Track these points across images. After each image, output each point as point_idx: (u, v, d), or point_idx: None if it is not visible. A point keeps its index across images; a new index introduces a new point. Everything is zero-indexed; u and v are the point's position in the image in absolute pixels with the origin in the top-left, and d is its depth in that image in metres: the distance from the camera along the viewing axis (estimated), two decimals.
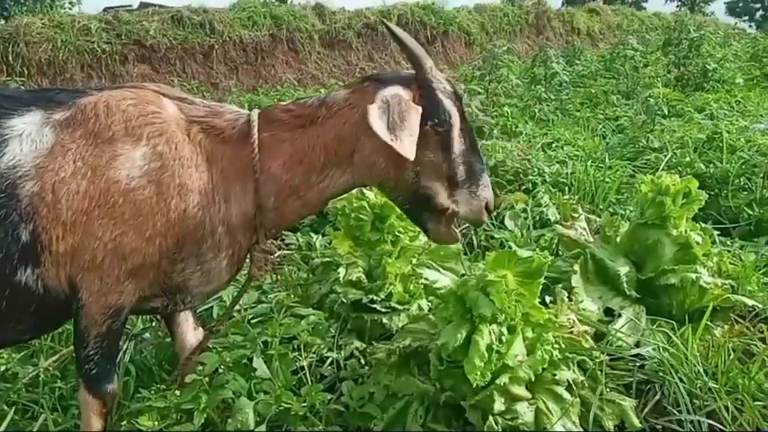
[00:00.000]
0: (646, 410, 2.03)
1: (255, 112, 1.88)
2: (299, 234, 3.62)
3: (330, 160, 1.84)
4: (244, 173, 1.82)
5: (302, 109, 1.87)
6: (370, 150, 1.81)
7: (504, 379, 1.67)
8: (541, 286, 1.79)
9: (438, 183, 1.81)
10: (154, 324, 2.62)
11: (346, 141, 1.81)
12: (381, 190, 1.97)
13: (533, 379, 1.75)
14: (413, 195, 1.84)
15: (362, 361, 2.31)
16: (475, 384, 1.63)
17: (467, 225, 2.65)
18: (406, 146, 1.68)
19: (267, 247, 1.95)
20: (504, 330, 1.69)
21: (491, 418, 1.70)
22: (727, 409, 1.91)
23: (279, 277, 3.02)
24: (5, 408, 2.18)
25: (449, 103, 1.82)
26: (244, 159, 1.81)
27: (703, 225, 2.71)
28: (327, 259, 2.82)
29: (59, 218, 1.67)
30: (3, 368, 2.41)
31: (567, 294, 2.25)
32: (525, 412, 1.74)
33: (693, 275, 2.39)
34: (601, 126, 6.46)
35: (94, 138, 1.72)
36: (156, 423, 1.79)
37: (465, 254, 3.00)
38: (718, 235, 3.25)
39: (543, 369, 1.79)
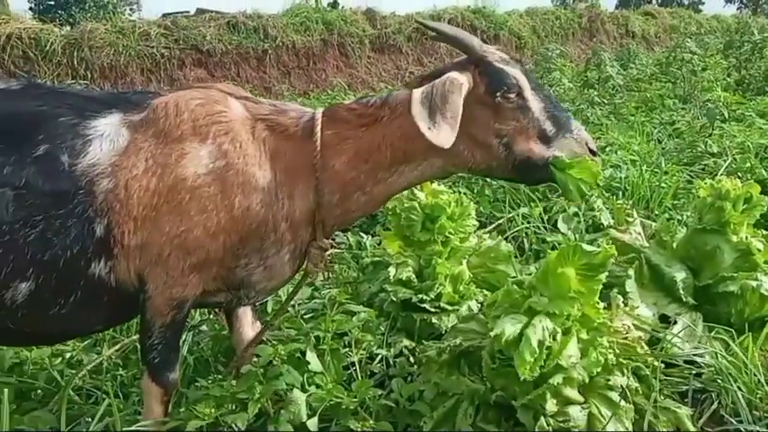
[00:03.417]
0: (702, 419, 1.99)
1: (320, 111, 1.92)
2: (349, 234, 3.67)
3: (398, 157, 1.86)
4: (307, 170, 1.86)
5: (365, 108, 1.90)
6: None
7: (557, 379, 1.66)
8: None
9: (531, 143, 1.80)
10: (211, 317, 2.70)
11: (415, 139, 1.80)
12: (477, 174, 1.97)
13: (587, 381, 1.74)
14: (512, 166, 1.83)
15: (412, 359, 2.33)
16: (523, 378, 1.62)
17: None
18: (442, 135, 1.67)
19: (324, 244, 1.96)
20: (559, 329, 1.68)
21: (543, 418, 1.69)
22: None
23: (331, 275, 3.07)
24: (71, 393, 2.29)
25: (510, 69, 1.82)
26: (307, 156, 1.85)
27: (765, 232, 2.62)
28: (377, 258, 2.86)
29: (131, 213, 1.75)
30: (69, 355, 2.53)
31: (621, 300, 2.21)
32: (578, 416, 1.72)
33: (754, 283, 2.32)
34: (656, 131, 6.29)
35: (164, 136, 1.80)
36: (213, 411, 1.85)
37: (516, 256, 2.98)
38: None
39: (597, 373, 1.77)
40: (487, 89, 1.81)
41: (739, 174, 4.12)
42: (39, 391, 2.36)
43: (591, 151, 1.85)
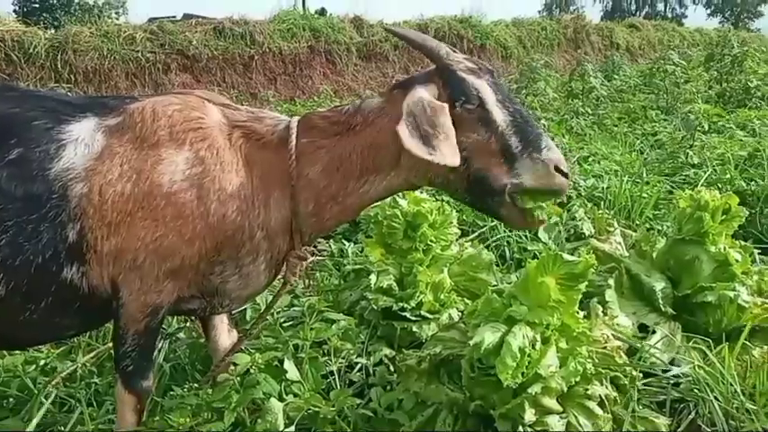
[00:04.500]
0: (680, 429, 1.99)
1: (295, 120, 1.90)
2: (331, 241, 3.66)
3: (367, 167, 1.84)
4: (283, 178, 1.84)
5: (339, 116, 1.89)
6: (410, 155, 1.79)
7: (535, 389, 1.65)
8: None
9: (491, 161, 1.73)
10: (188, 324, 2.67)
11: (383, 149, 1.80)
12: (437, 187, 1.91)
13: (565, 391, 1.73)
14: (468, 183, 1.77)
15: (391, 368, 2.31)
16: (506, 384, 1.61)
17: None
18: (447, 155, 1.64)
19: (302, 253, 1.94)
20: (538, 337, 1.68)
21: (521, 428, 1.68)
22: (766, 431, 1.86)
23: (311, 282, 3.05)
24: (43, 400, 2.25)
25: (473, 79, 1.77)
26: (283, 165, 1.83)
27: (743, 243, 2.65)
28: (359, 266, 2.85)
29: (105, 219, 1.72)
30: (42, 362, 2.48)
31: (601, 309, 2.22)
32: (556, 425, 1.72)
33: (732, 293, 2.34)
34: (639, 141, 6.36)
35: (141, 142, 1.77)
36: (188, 420, 1.82)
37: (497, 265, 2.98)
38: (759, 254, 3.16)
39: (576, 383, 1.77)
40: (448, 99, 1.76)
41: (719, 185, 4.18)
42: (11, 399, 2.31)
43: (561, 173, 1.73)
